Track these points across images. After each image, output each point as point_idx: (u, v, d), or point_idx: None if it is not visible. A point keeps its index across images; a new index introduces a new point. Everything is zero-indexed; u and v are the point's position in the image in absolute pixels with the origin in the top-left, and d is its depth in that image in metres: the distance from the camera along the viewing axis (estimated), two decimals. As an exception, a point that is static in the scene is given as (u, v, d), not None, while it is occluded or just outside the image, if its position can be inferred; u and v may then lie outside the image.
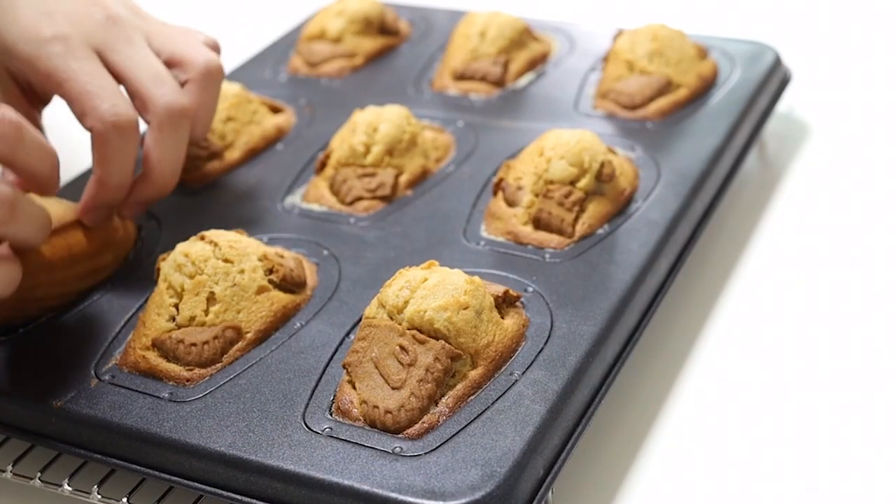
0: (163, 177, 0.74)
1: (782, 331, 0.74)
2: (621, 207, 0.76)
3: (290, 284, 0.69)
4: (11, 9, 0.73)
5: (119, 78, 0.73)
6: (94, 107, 0.70)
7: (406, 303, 0.62)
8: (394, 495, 0.56)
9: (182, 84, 0.75)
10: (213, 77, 0.76)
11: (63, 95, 0.72)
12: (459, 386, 0.61)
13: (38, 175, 0.66)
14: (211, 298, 0.67)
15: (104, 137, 0.70)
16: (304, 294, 0.70)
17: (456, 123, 0.87)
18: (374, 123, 0.81)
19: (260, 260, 0.69)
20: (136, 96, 0.73)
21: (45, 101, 0.77)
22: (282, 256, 0.70)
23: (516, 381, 0.62)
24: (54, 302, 0.70)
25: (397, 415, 0.59)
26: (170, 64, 0.75)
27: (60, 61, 0.71)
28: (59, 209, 0.71)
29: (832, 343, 0.73)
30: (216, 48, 0.80)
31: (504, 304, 0.66)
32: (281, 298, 0.68)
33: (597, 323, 0.65)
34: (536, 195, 0.75)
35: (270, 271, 0.69)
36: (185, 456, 0.60)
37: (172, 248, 0.69)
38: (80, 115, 0.71)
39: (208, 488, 0.60)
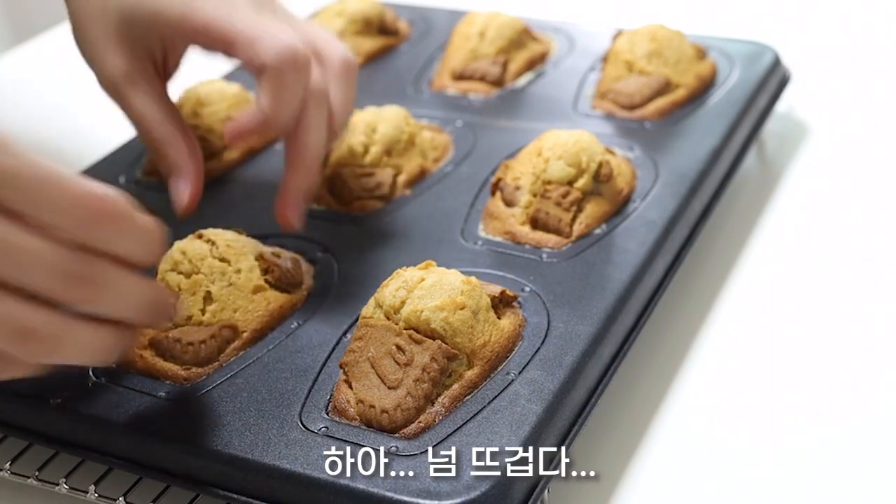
0: (339, 124, 0.71)
1: (780, 331, 0.74)
2: (619, 207, 0.76)
3: (286, 284, 0.69)
4: None
5: None
6: (270, 43, 0.64)
7: (403, 303, 0.62)
8: (390, 494, 0.56)
9: None
10: (350, 71, 0.72)
11: (228, 40, 0.66)
12: (456, 386, 0.61)
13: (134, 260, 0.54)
14: (207, 297, 0.67)
15: (279, 72, 0.65)
16: (301, 294, 0.70)
17: (455, 123, 0.87)
18: (373, 123, 0.81)
19: (256, 259, 0.69)
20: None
21: (172, 74, 0.72)
22: (278, 256, 0.70)
23: (513, 380, 0.62)
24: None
25: (393, 414, 0.59)
26: None
27: (217, 9, 0.66)
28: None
29: (831, 343, 0.72)
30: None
31: (501, 303, 0.66)
32: (277, 298, 0.68)
33: (593, 323, 0.65)
34: (534, 195, 0.75)
35: (266, 271, 0.69)
36: (181, 455, 0.60)
37: (170, 246, 0.69)
38: (251, 56, 0.65)
39: (205, 487, 0.60)
